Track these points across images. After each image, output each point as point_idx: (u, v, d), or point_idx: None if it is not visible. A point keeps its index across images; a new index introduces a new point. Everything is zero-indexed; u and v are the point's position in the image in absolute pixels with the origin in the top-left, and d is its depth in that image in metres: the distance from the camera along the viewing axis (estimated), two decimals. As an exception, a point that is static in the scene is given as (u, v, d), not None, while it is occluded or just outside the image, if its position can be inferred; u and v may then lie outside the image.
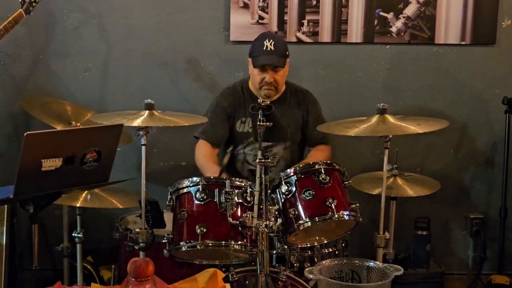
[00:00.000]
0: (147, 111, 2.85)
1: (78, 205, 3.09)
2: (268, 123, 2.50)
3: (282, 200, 2.78)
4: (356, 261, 2.70)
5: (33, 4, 3.34)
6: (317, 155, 3.35)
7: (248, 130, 3.37)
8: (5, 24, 3.25)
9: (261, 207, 2.52)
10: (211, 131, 3.38)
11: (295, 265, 2.86)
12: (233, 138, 3.44)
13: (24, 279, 3.80)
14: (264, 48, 3.24)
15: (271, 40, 3.24)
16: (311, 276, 2.53)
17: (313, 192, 2.75)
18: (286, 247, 2.85)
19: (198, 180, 2.76)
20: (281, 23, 3.78)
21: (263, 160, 2.49)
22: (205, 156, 3.36)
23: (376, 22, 3.78)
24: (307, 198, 2.75)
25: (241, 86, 3.44)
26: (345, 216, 2.76)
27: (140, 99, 2.99)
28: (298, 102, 3.45)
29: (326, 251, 2.96)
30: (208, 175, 3.07)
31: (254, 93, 3.39)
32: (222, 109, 3.41)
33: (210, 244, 2.67)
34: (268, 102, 2.51)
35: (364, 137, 3.44)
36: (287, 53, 3.31)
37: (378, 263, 2.70)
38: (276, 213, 2.61)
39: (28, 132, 2.09)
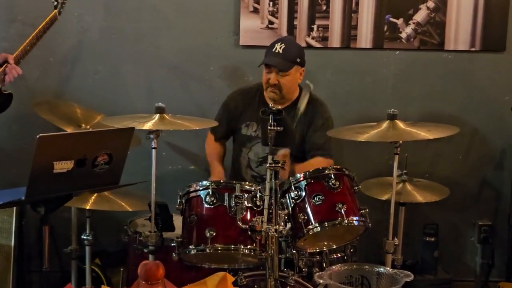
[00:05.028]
0: (158, 115, 2.85)
1: (87, 207, 3.10)
2: (278, 128, 2.50)
3: (292, 205, 2.77)
4: (366, 267, 2.70)
5: (63, 4, 3.38)
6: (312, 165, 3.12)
7: (251, 134, 3.36)
8: (43, 25, 3.30)
9: (271, 211, 2.53)
10: (216, 127, 3.34)
11: (303, 269, 2.84)
12: (238, 139, 3.45)
13: (32, 281, 3.81)
14: (273, 50, 3.23)
15: (282, 44, 3.22)
16: (321, 281, 2.53)
17: (323, 197, 2.74)
18: (294, 251, 2.83)
19: (208, 184, 2.76)
20: (291, 28, 3.78)
21: (273, 165, 2.49)
22: (210, 154, 3.52)
23: (385, 27, 3.78)
24: (317, 203, 2.74)
25: (256, 89, 3.42)
26: (354, 221, 2.75)
27: (149, 102, 3.00)
28: (307, 111, 3.33)
29: (335, 256, 2.95)
30: (213, 178, 3.07)
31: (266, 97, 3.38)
32: (226, 110, 3.45)
33: (220, 248, 2.66)
34: (280, 107, 2.52)
35: (374, 143, 3.44)
36: (298, 60, 3.23)
37: (388, 268, 2.69)
38: (286, 217, 2.62)
39: (41, 134, 2.09)
